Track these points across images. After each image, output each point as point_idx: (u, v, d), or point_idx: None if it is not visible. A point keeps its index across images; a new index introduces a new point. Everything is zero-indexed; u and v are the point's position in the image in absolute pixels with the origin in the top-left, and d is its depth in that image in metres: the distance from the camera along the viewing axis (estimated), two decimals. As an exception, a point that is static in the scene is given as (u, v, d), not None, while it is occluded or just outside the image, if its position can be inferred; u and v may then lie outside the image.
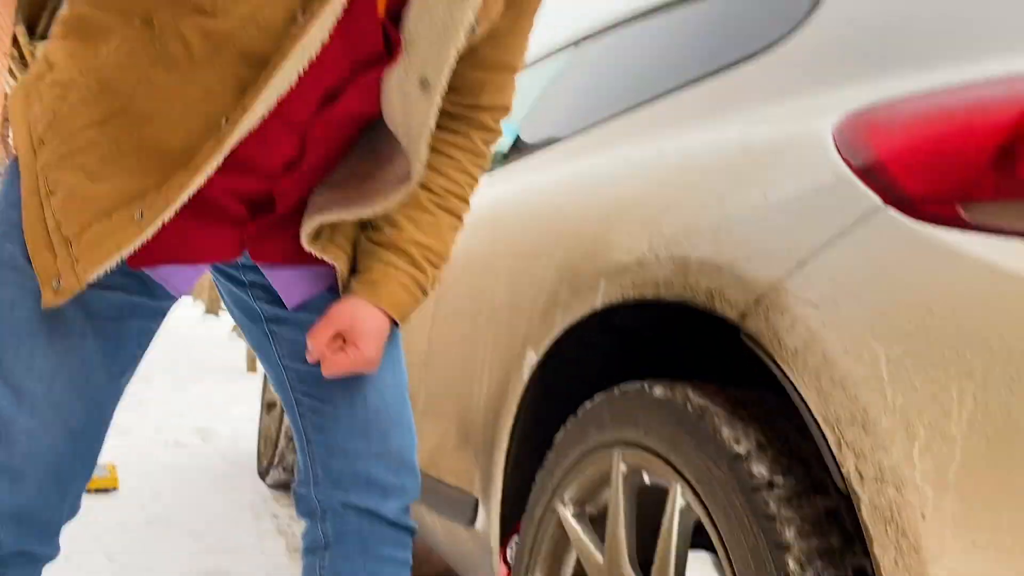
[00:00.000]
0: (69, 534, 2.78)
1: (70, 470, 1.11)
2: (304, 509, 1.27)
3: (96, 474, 3.25)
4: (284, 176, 1.08)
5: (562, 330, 1.34)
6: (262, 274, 1.19)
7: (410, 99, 1.12)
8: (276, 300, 1.22)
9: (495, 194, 1.89)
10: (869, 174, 0.92)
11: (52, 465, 1.07)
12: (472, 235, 1.85)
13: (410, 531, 1.25)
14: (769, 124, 1.15)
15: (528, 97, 2.18)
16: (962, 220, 0.83)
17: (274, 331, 1.25)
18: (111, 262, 1.01)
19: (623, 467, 1.18)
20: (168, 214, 1.01)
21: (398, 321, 1.17)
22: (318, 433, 1.24)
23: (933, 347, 0.79)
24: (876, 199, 0.89)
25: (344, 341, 1.16)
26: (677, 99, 1.49)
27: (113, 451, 3.88)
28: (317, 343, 1.15)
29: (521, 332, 1.49)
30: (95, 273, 1.01)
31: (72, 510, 1.15)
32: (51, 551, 1.13)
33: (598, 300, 1.25)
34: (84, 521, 2.83)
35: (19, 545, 1.08)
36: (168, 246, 1.07)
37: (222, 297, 1.29)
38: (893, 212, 0.87)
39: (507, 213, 1.75)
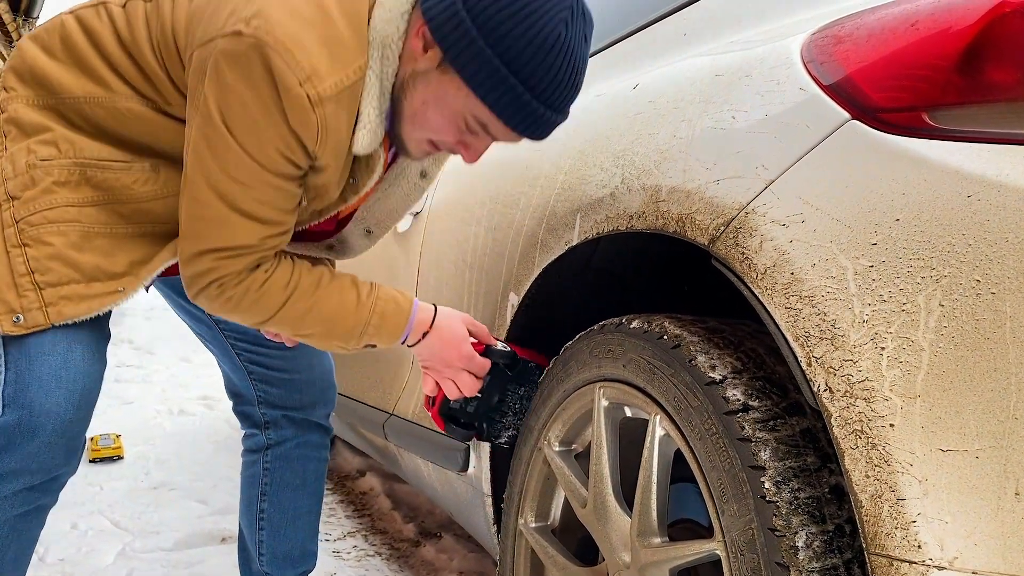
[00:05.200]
0: (75, 502, 2.83)
1: (79, 424, 1.24)
2: (249, 423, 1.64)
3: (101, 443, 3.27)
4: None
5: (540, 270, 1.33)
6: None
7: (352, 235, 1.44)
8: None
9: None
10: (836, 89, 0.90)
11: (65, 423, 1.21)
12: (453, 183, 1.84)
13: (329, 431, 1.67)
14: (739, 49, 1.13)
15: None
16: (929, 128, 0.81)
17: None
18: (87, 316, 1.21)
19: (604, 402, 1.18)
20: (142, 288, 1.27)
21: None
22: (257, 367, 1.57)
23: (900, 257, 0.77)
24: (843, 113, 0.88)
25: None
26: (649, 33, 1.46)
27: (118, 421, 3.91)
28: None
29: (503, 277, 1.49)
30: (67, 320, 1.19)
31: (77, 464, 1.29)
32: (54, 500, 1.30)
33: (574, 237, 1.24)
34: (90, 490, 2.87)
35: (29, 486, 1.23)
36: None
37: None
38: (859, 125, 0.85)
39: (485, 159, 1.73)
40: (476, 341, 1.36)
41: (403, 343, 1.31)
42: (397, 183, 1.35)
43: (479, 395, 1.37)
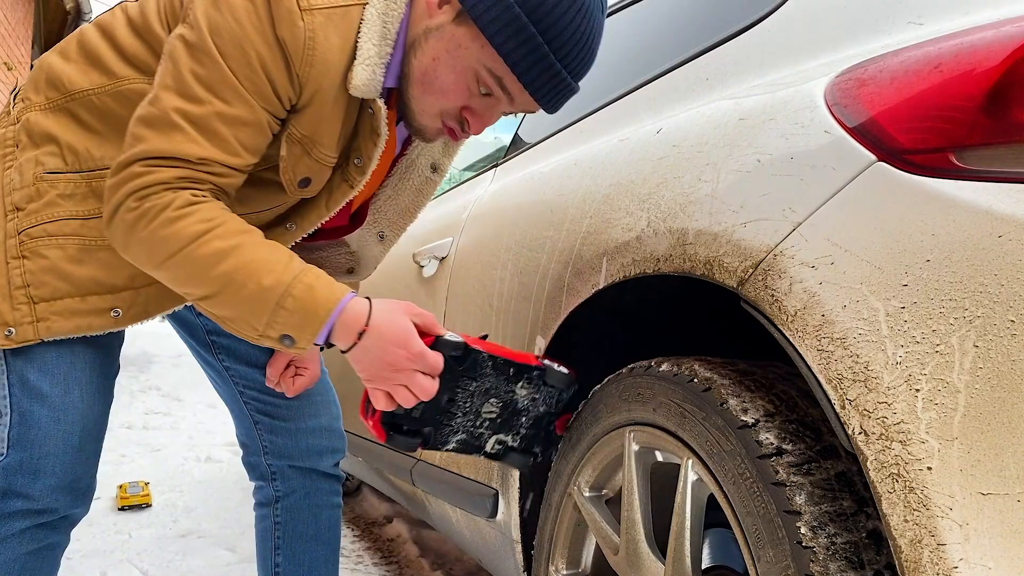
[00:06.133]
0: (104, 550, 2.82)
1: (83, 465, 1.25)
2: (256, 474, 1.59)
3: (130, 491, 3.29)
4: None
5: (568, 313, 1.33)
6: None
7: (367, 244, 1.42)
8: None
9: (498, 187, 1.89)
10: (861, 131, 0.91)
11: (66, 465, 1.22)
12: (478, 228, 1.85)
13: (340, 479, 1.62)
14: (762, 92, 1.14)
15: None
16: (957, 168, 0.81)
17: (214, 340, 1.51)
18: (78, 335, 1.19)
19: (635, 446, 1.17)
20: (144, 321, 1.23)
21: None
22: (263, 416, 1.54)
23: (932, 298, 0.77)
24: (869, 155, 0.88)
25: (296, 366, 1.46)
26: (672, 78, 1.48)
27: (146, 469, 3.92)
28: (276, 372, 1.46)
29: (529, 320, 1.49)
30: (58, 337, 1.18)
31: (86, 504, 1.30)
32: (66, 539, 1.30)
33: (601, 280, 1.24)
34: (119, 538, 2.87)
35: (38, 522, 1.24)
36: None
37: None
38: (886, 167, 0.86)
39: (510, 204, 1.75)
40: (424, 334, 1.15)
41: (333, 344, 1.10)
42: (408, 176, 1.32)
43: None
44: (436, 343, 1.14)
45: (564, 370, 1.28)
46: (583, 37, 1.08)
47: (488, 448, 1.28)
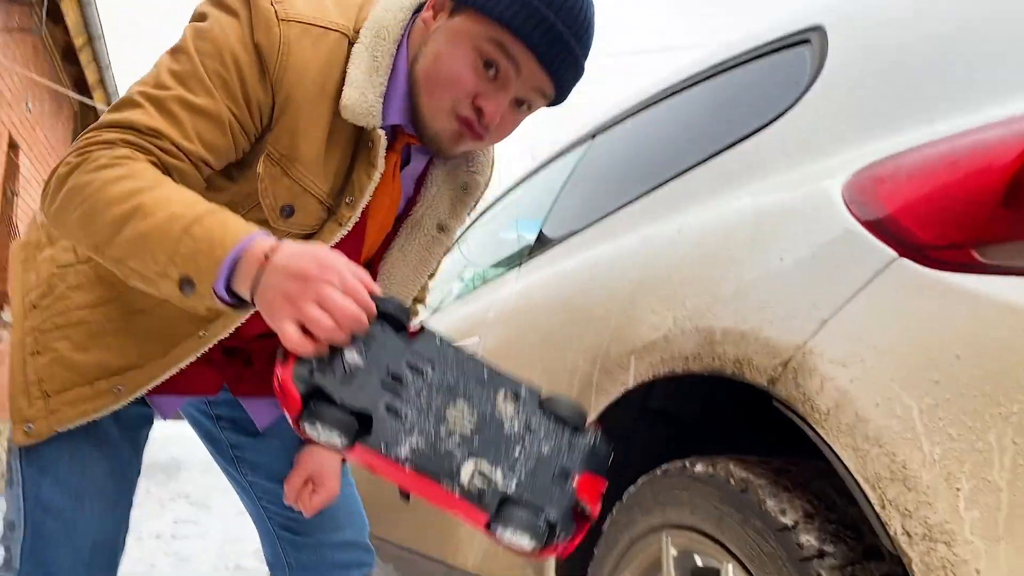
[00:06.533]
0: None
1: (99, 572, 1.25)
2: None
3: (159, 605, 3.23)
4: (258, 341, 1.26)
5: (598, 413, 1.33)
6: (229, 407, 1.42)
7: None
8: (239, 429, 1.46)
9: (523, 286, 1.91)
10: (880, 228, 0.92)
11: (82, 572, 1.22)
12: (504, 327, 1.87)
13: None
14: (780, 191, 1.16)
15: (549, 193, 2.23)
16: (979, 263, 0.82)
17: (238, 455, 1.48)
18: (84, 420, 1.19)
19: (673, 551, 1.15)
20: (145, 391, 1.20)
21: None
22: (287, 532, 1.50)
23: (964, 394, 0.77)
24: (890, 252, 0.89)
25: (313, 482, 1.40)
26: (691, 177, 1.51)
27: (176, 580, 3.87)
28: (292, 489, 1.41)
29: (560, 421, 1.48)
30: (67, 427, 1.18)
31: None
32: None
33: (630, 380, 1.25)
34: (147, 654, 2.81)
35: None
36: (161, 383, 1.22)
37: (189, 423, 1.47)
38: (908, 263, 0.86)
39: (536, 303, 1.77)
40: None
41: (237, 294, 0.94)
42: (414, 235, 1.32)
43: (361, 365, 0.87)
44: (372, 298, 0.89)
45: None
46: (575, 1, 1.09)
47: (463, 478, 0.87)
